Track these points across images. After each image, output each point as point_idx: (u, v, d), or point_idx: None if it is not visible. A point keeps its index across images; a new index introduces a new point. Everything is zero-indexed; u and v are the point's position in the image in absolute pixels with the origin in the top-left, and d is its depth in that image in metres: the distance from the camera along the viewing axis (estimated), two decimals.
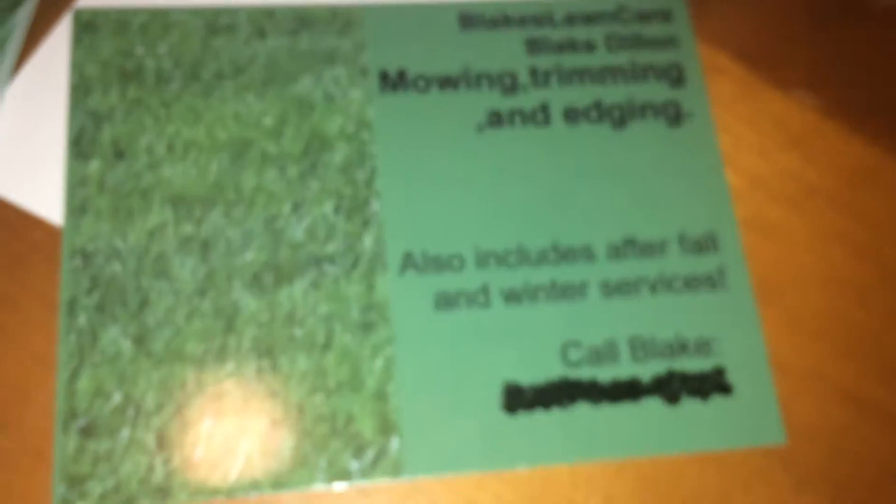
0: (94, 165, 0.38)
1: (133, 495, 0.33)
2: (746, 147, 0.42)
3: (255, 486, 0.34)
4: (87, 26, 0.41)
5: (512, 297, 0.38)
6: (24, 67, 0.40)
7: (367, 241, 0.38)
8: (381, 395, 0.36)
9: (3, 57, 0.38)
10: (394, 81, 0.42)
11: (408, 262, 0.38)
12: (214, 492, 0.33)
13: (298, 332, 0.37)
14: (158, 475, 0.34)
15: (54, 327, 0.36)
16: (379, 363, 0.36)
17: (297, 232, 0.38)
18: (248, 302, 0.37)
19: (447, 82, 0.42)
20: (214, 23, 0.42)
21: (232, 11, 0.42)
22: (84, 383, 0.35)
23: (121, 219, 0.37)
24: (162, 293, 0.36)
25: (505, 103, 0.42)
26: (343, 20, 0.43)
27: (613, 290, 0.38)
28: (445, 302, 0.38)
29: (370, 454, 0.35)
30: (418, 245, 0.38)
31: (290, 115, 0.40)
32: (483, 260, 0.39)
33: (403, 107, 0.41)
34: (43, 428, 0.34)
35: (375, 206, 0.39)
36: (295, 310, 0.37)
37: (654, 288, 0.38)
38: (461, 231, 0.39)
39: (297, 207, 0.39)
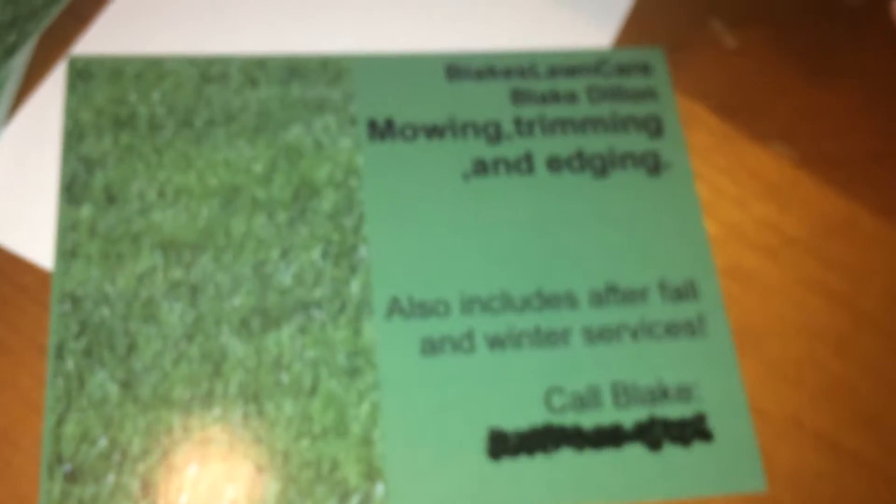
0: (85, 210, 0.38)
1: None
2: (724, 197, 0.42)
3: None
4: (81, 74, 0.41)
5: (496, 342, 0.38)
6: (19, 113, 0.40)
7: (355, 287, 0.38)
8: (366, 441, 0.36)
9: None
10: (382, 130, 0.42)
11: (394, 307, 0.38)
12: None
13: (285, 377, 0.36)
14: None
15: (42, 371, 0.35)
16: (365, 409, 0.36)
17: (285, 277, 0.38)
18: (236, 347, 0.37)
19: (434, 131, 0.43)
20: (207, 72, 0.42)
21: (225, 61, 0.43)
22: (70, 428, 0.34)
23: (111, 263, 0.37)
24: (150, 338, 0.36)
25: (490, 152, 0.42)
26: (333, 70, 0.43)
27: (596, 336, 0.38)
28: (431, 347, 0.38)
29: (355, 500, 0.35)
30: (405, 290, 0.39)
31: (280, 162, 0.41)
32: (468, 305, 0.39)
33: (391, 155, 0.42)
34: (29, 473, 0.33)
35: (363, 251, 0.39)
36: (282, 355, 0.37)
37: (635, 334, 0.39)
38: (447, 277, 0.39)
39: (285, 253, 0.39)
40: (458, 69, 0.45)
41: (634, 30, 0.47)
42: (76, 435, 0.34)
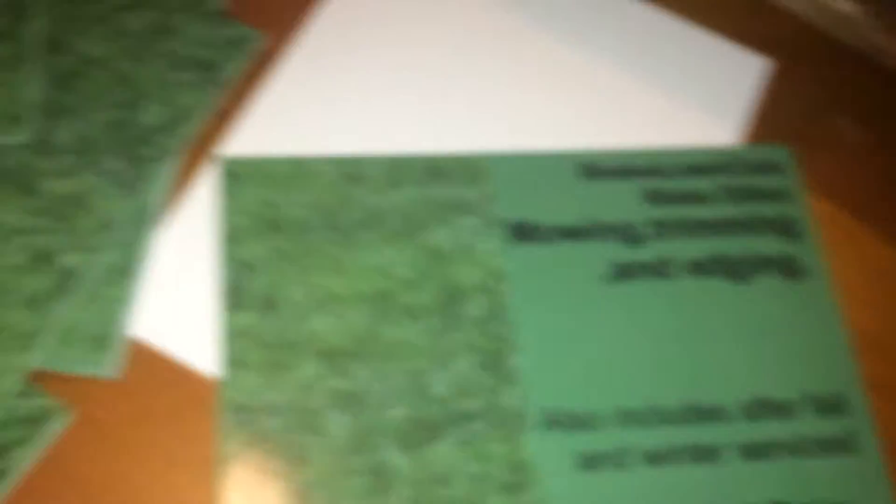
0: (246, 318, 0.41)
1: None
2: (859, 301, 0.44)
3: None
4: (231, 175, 0.44)
5: (653, 458, 0.40)
6: (173, 216, 0.42)
7: (509, 398, 0.41)
8: None
9: (151, 208, 0.41)
10: (522, 232, 0.44)
11: (550, 419, 0.40)
12: None
13: (449, 492, 0.39)
14: None
15: (211, 483, 0.38)
16: None
17: (441, 387, 0.40)
18: (400, 460, 0.39)
19: (572, 233, 0.45)
20: (352, 173, 0.44)
21: (368, 161, 0.45)
22: None
23: (274, 373, 0.40)
24: (318, 450, 0.38)
25: (628, 255, 0.45)
26: (471, 170, 0.46)
27: (750, 452, 0.41)
28: (588, 463, 0.40)
29: None
30: (558, 402, 0.41)
31: (427, 266, 0.43)
32: (623, 418, 0.41)
33: (534, 258, 0.44)
34: None
35: (514, 360, 0.41)
36: (444, 469, 0.39)
37: (787, 451, 0.41)
38: (599, 387, 0.41)
39: (439, 362, 0.41)
40: (592, 168, 0.47)
41: (760, 126, 0.49)
42: None
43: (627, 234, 0.45)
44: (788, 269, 0.45)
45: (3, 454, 0.35)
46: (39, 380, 0.38)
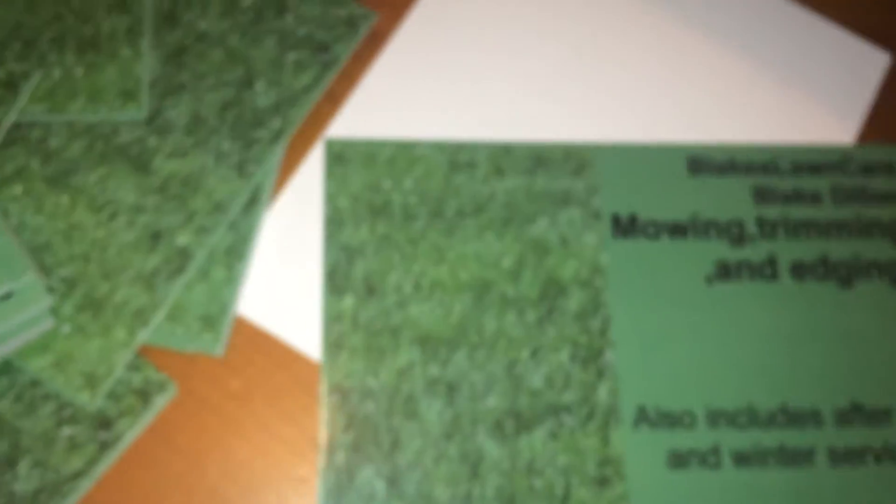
0: (347, 302, 0.42)
1: None
2: None
3: None
4: (337, 157, 0.45)
5: (742, 459, 0.41)
6: (281, 198, 0.44)
7: (602, 393, 0.41)
8: None
9: (260, 190, 0.42)
10: (625, 226, 0.45)
11: (641, 416, 0.41)
12: None
13: (538, 482, 0.40)
14: None
15: (313, 459, 0.40)
16: None
17: (536, 380, 0.41)
18: (492, 449, 0.40)
19: (677, 229, 0.45)
20: (456, 159, 0.45)
21: (472, 147, 0.46)
22: None
23: (373, 357, 0.41)
24: (411, 435, 0.40)
25: (733, 254, 0.45)
26: (576, 161, 0.46)
27: (840, 457, 0.41)
28: (678, 461, 0.41)
29: None
30: (651, 399, 0.41)
31: (528, 257, 0.44)
32: (714, 418, 0.41)
33: (635, 254, 0.44)
34: None
35: (609, 356, 0.42)
36: (535, 459, 0.40)
37: (878, 458, 0.41)
38: (693, 386, 0.42)
39: (535, 353, 0.42)
40: (700, 162, 0.47)
41: (877, 125, 0.48)
42: None
43: (733, 233, 0.45)
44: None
45: (114, 423, 0.38)
46: (148, 354, 0.40)
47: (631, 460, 0.40)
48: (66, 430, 0.38)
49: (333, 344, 0.41)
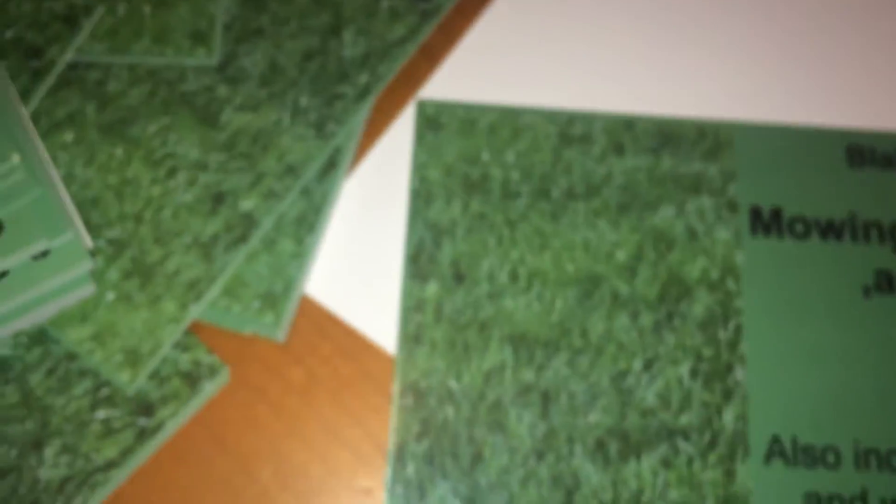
0: (431, 289, 0.38)
1: None
2: None
3: None
4: (431, 122, 0.41)
5: None
6: (364, 162, 0.40)
7: (728, 417, 0.36)
8: None
9: (340, 154, 0.38)
10: (767, 222, 0.39)
11: (775, 449, 0.36)
12: None
13: None
14: None
15: (380, 468, 0.35)
16: None
17: (648, 395, 0.36)
18: (590, 473, 0.35)
19: (830, 230, 0.39)
20: (568, 131, 0.41)
21: (588, 119, 0.41)
22: None
23: (456, 355, 0.37)
24: (496, 449, 0.35)
25: None
26: (711, 140, 0.41)
27: None
28: None
29: None
30: (788, 429, 0.36)
31: (647, 250, 0.39)
32: (863, 458, 0.36)
33: (777, 255, 0.39)
34: None
35: (740, 374, 0.37)
36: (642, 491, 0.35)
37: None
38: (839, 418, 0.36)
39: (649, 365, 0.37)
40: (861, 152, 0.41)
41: None
42: None
43: None
44: None
45: (155, 409, 0.35)
46: (200, 333, 0.36)
47: (759, 501, 0.35)
48: (102, 414, 0.34)
49: (411, 337, 0.37)
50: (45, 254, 0.33)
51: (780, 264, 0.39)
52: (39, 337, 0.36)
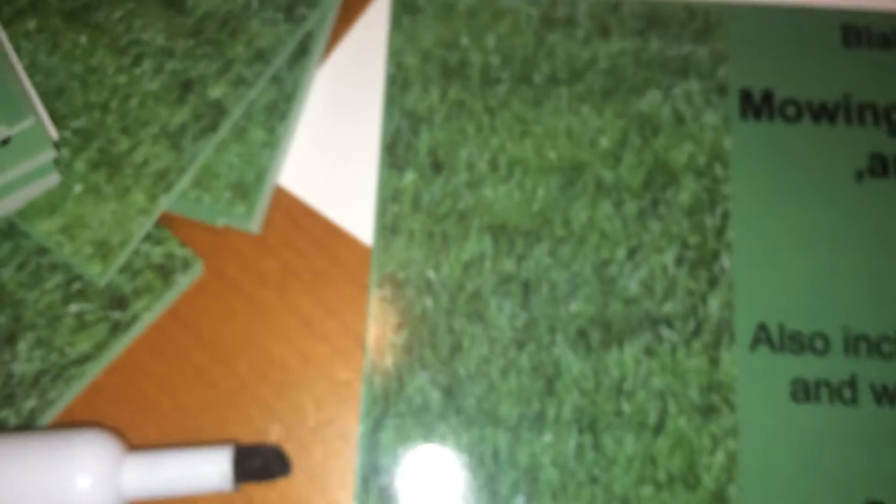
0: (408, 178, 0.38)
1: None
2: None
3: None
4: (407, 5, 0.40)
5: (885, 396, 0.35)
6: (336, 51, 0.39)
7: (713, 305, 0.36)
8: (719, 498, 0.34)
9: (312, 39, 0.38)
10: (757, 105, 0.39)
11: (761, 336, 0.36)
12: None
13: (627, 406, 0.35)
14: None
15: (358, 360, 0.36)
16: (719, 458, 0.35)
17: (632, 284, 0.37)
18: (571, 362, 0.36)
19: (823, 112, 0.39)
20: (551, 14, 0.40)
21: (571, 1, 0.40)
22: (388, 435, 0.35)
23: (435, 245, 0.37)
24: (476, 340, 0.36)
25: (892, 146, 0.38)
26: (701, 21, 0.40)
27: None
28: (804, 392, 0.36)
29: None
30: (775, 316, 0.36)
31: (632, 136, 0.38)
32: (853, 345, 0.36)
33: (767, 139, 0.39)
34: (342, 481, 0.34)
35: (726, 262, 0.37)
36: (624, 379, 0.35)
37: None
38: (828, 304, 0.37)
39: (632, 253, 0.37)
40: (857, 31, 0.40)
41: None
42: (393, 444, 0.34)
43: (893, 120, 0.39)
44: None
45: (128, 302, 0.35)
46: (172, 226, 0.36)
47: (745, 388, 0.35)
48: (75, 307, 0.35)
49: (388, 227, 0.37)
50: (5, 142, 0.33)
51: (770, 149, 0.39)
52: (9, 231, 0.36)
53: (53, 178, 0.35)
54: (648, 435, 0.35)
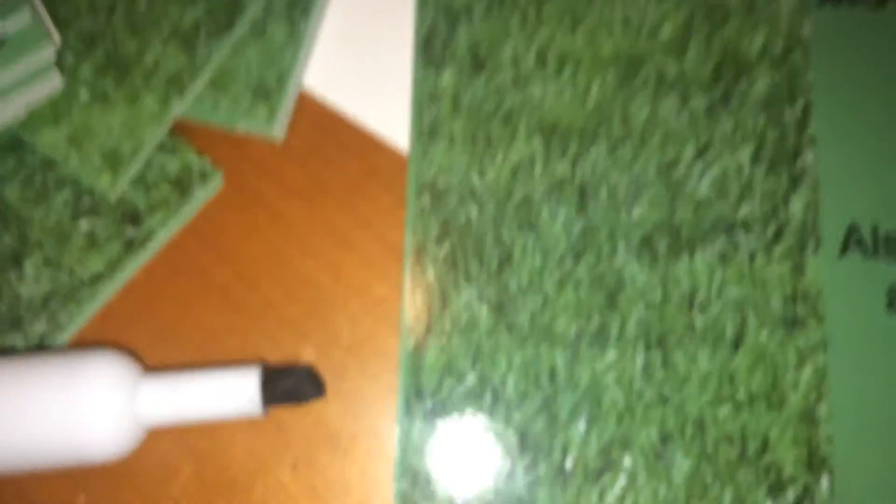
0: (447, 77, 0.36)
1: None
2: None
3: None
4: None
5: None
6: None
7: (796, 206, 0.34)
8: (807, 418, 0.32)
9: None
10: None
11: (852, 239, 0.34)
12: None
13: (700, 320, 0.33)
14: (519, 485, 0.31)
15: (395, 275, 0.34)
16: (806, 374, 0.32)
17: (702, 186, 0.34)
18: (636, 273, 0.33)
19: None
20: None
21: None
22: (432, 356, 0.33)
23: (479, 149, 0.35)
24: (527, 250, 0.34)
25: None
26: None
27: None
28: None
29: (791, 495, 0.31)
30: (867, 217, 0.34)
31: (698, 24, 0.36)
32: None
33: (852, 23, 0.36)
34: (382, 405, 0.32)
35: (809, 158, 0.34)
36: (696, 290, 0.33)
37: None
38: None
39: (702, 152, 0.34)
40: None
41: None
42: (438, 366, 0.33)
43: None
44: None
45: (143, 218, 0.34)
46: (188, 134, 0.35)
47: (834, 297, 0.33)
48: (85, 224, 0.33)
49: (426, 131, 0.35)
50: (1, 43, 0.32)
51: (853, 35, 0.36)
52: (12, 144, 0.35)
53: (56, 82, 0.34)
54: (725, 351, 0.33)
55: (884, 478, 0.32)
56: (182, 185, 0.35)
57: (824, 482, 0.32)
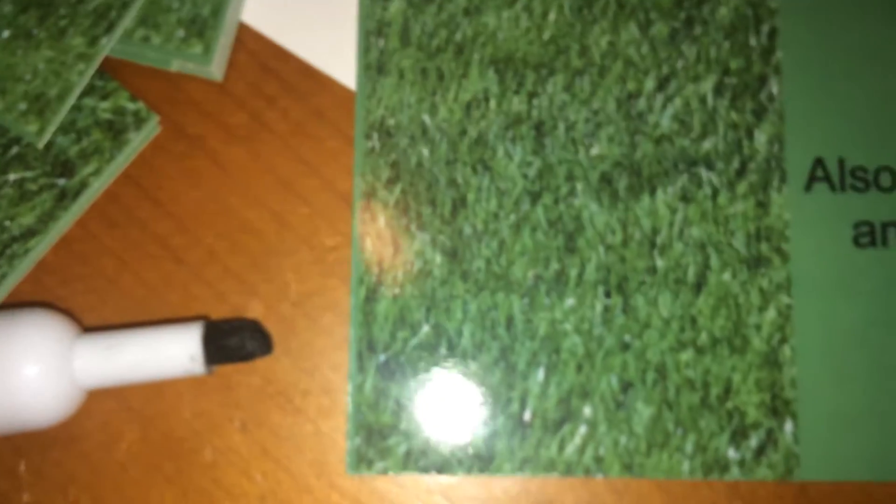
0: (394, 7, 0.35)
1: (445, 461, 0.31)
2: None
3: (599, 465, 0.31)
4: None
5: None
6: None
7: (760, 140, 0.33)
8: (771, 361, 0.32)
9: None
10: None
11: (818, 174, 0.33)
12: (548, 466, 0.31)
13: (661, 262, 0.32)
14: (477, 438, 0.31)
15: (345, 222, 0.33)
16: (770, 315, 0.32)
17: (663, 119, 0.33)
18: (595, 214, 0.33)
19: None
20: None
21: None
22: (384, 307, 0.32)
23: (429, 84, 0.34)
24: (482, 193, 0.33)
25: None
26: None
27: None
28: (869, 235, 0.33)
29: (753, 441, 0.31)
30: (834, 150, 0.34)
31: None
32: None
33: None
34: (333, 360, 0.32)
35: (774, 88, 0.33)
36: (657, 230, 0.33)
37: None
38: None
39: (663, 84, 0.34)
40: None
41: None
42: (391, 316, 0.32)
43: None
44: None
45: (75, 167, 0.33)
46: (120, 75, 0.33)
47: (799, 234, 0.33)
48: (13, 175, 0.32)
49: (374, 66, 0.34)
50: None
51: None
52: None
53: None
54: (687, 293, 0.33)
55: (848, 422, 0.32)
56: (115, 131, 0.33)
57: (788, 427, 0.32)
